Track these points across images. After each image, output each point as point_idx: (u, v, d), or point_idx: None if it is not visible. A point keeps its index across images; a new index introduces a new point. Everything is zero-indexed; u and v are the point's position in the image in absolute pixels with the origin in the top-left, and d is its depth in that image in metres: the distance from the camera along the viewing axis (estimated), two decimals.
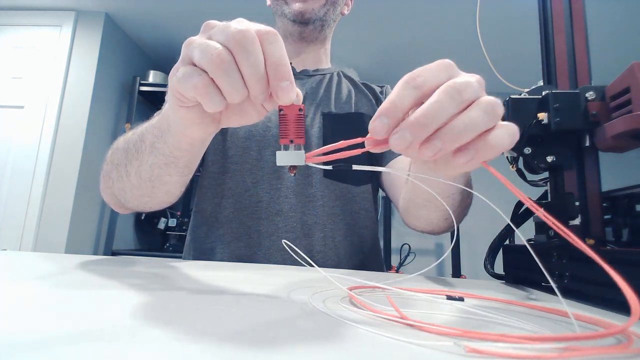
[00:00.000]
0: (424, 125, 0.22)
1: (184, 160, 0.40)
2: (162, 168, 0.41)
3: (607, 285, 0.30)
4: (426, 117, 0.22)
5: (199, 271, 0.39)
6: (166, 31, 2.19)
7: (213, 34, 0.26)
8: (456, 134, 0.22)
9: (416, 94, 0.23)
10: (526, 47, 2.11)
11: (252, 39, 0.24)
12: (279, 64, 0.25)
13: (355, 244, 0.65)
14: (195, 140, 0.36)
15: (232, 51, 0.24)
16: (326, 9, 0.68)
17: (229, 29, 0.25)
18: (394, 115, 0.23)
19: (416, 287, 0.32)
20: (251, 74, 0.24)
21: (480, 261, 0.54)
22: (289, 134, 0.26)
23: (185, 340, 0.16)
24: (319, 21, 0.68)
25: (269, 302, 0.25)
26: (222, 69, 0.24)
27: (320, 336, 0.18)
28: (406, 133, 0.22)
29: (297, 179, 0.63)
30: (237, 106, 0.31)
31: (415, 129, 0.22)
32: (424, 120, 0.22)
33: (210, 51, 0.24)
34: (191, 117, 0.30)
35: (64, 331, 0.16)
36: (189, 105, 0.29)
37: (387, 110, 0.23)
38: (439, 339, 0.18)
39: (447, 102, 0.22)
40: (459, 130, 0.22)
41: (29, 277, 0.30)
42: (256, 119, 0.31)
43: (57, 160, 1.90)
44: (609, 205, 0.37)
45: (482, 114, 0.22)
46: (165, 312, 0.21)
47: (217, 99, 0.25)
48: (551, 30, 0.42)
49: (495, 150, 0.23)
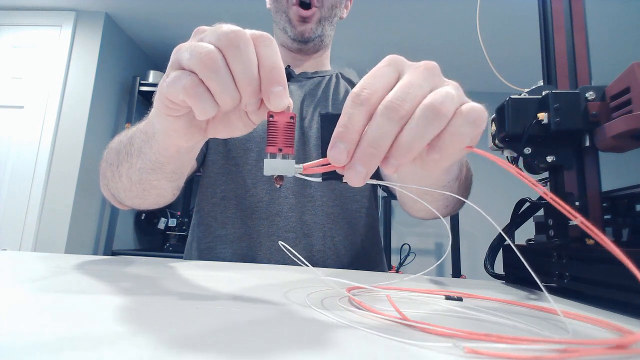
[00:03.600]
0: (371, 154, 0.22)
1: (170, 167, 0.39)
2: (149, 173, 0.40)
3: (607, 285, 0.30)
4: (371, 145, 0.21)
5: (198, 271, 0.39)
6: (166, 31, 2.20)
7: (204, 36, 0.25)
8: (405, 149, 0.22)
9: (365, 109, 0.22)
10: (526, 47, 2.11)
11: (245, 39, 0.23)
12: (272, 67, 0.24)
13: (356, 243, 0.65)
14: (181, 148, 0.34)
15: (223, 51, 0.23)
16: (323, 25, 0.69)
17: (221, 29, 0.24)
18: (349, 138, 0.22)
19: (415, 287, 0.32)
20: (243, 75, 0.23)
21: (480, 261, 0.54)
22: (278, 142, 0.24)
23: (181, 340, 0.16)
24: (317, 38, 0.70)
25: (266, 303, 0.25)
26: (212, 68, 0.23)
27: (317, 337, 0.18)
28: (358, 167, 0.22)
29: (296, 180, 0.63)
30: (224, 116, 0.29)
31: (365, 160, 0.22)
32: (370, 150, 0.21)
33: (199, 51, 0.23)
34: (177, 127, 0.29)
35: (45, 338, 0.16)
36: (176, 115, 0.27)
37: (341, 134, 0.22)
38: (438, 340, 0.18)
39: (386, 124, 0.21)
40: (407, 145, 0.22)
41: (26, 278, 0.30)
42: (244, 131, 0.30)
43: (57, 160, 1.90)
44: (609, 205, 0.37)
45: (422, 122, 0.22)
46: (162, 312, 0.21)
47: (209, 101, 0.24)
48: (551, 30, 0.42)
49: (458, 141, 0.23)
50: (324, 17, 0.69)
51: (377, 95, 0.22)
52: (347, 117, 0.22)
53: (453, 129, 0.22)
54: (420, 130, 0.22)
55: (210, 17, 2.05)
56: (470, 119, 0.22)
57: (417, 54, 2.50)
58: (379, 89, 0.22)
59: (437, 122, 0.22)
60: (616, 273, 0.29)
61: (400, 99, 0.22)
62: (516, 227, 0.47)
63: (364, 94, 0.22)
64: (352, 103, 0.22)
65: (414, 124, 0.22)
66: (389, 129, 0.22)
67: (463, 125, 0.22)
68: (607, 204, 0.37)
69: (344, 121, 0.22)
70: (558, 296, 0.36)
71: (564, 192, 0.38)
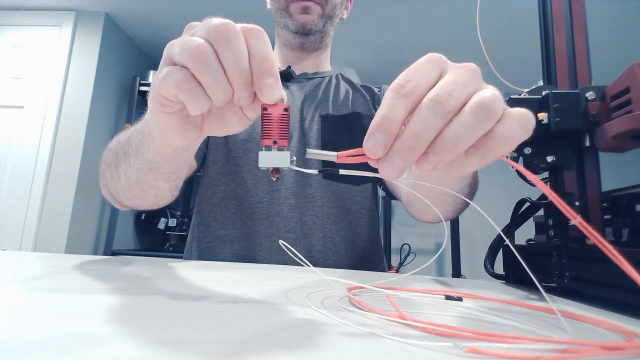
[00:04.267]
0: (412, 148, 0.21)
1: (167, 167, 0.39)
2: (147, 173, 0.40)
3: (606, 285, 0.30)
4: (413, 138, 0.21)
5: (197, 271, 0.39)
6: (166, 31, 2.20)
7: (195, 31, 0.24)
8: (449, 146, 0.21)
9: (409, 102, 0.21)
10: (526, 47, 2.11)
11: (234, 32, 0.23)
12: (263, 59, 0.24)
13: (356, 244, 0.65)
14: (178, 147, 0.34)
15: (213, 44, 0.23)
16: (324, 20, 0.69)
17: (211, 22, 0.24)
18: (389, 130, 0.21)
19: (415, 287, 0.32)
20: (234, 67, 0.23)
21: (480, 261, 0.54)
22: (272, 135, 0.24)
23: (180, 339, 0.16)
24: (319, 32, 0.70)
25: (265, 303, 0.25)
26: (202, 61, 0.23)
27: (317, 337, 0.18)
28: (396, 160, 0.21)
29: (296, 180, 0.63)
30: (218, 113, 0.29)
31: (404, 154, 0.21)
32: (411, 143, 0.21)
33: (189, 45, 0.23)
34: (171, 124, 0.29)
35: (47, 336, 0.16)
36: (170, 111, 0.27)
37: (381, 125, 0.21)
38: (438, 339, 0.18)
39: (432, 117, 0.21)
40: (452, 141, 0.21)
41: (26, 278, 0.30)
42: (240, 128, 0.30)
43: (57, 160, 1.90)
44: (609, 205, 0.37)
45: (472, 120, 0.21)
46: (162, 312, 0.21)
47: (201, 96, 0.24)
48: (551, 30, 0.42)
49: (507, 143, 0.21)
50: (327, 15, 0.69)
51: (422, 89, 0.21)
52: (389, 108, 0.21)
53: (502, 131, 0.21)
54: (469, 127, 0.21)
55: (210, 17, 2.05)
56: (523, 121, 0.22)
57: (417, 54, 2.47)
58: (423, 83, 0.21)
59: (487, 120, 0.21)
60: (616, 273, 0.29)
61: (447, 94, 0.21)
62: (516, 227, 0.47)
63: (409, 86, 0.21)
64: (394, 94, 0.21)
65: (464, 119, 0.21)
66: (434, 123, 0.21)
67: (514, 128, 0.21)
68: (607, 204, 0.37)
69: (384, 112, 0.21)
70: (558, 296, 0.36)
71: (564, 192, 0.38)
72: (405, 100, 0.21)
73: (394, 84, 0.22)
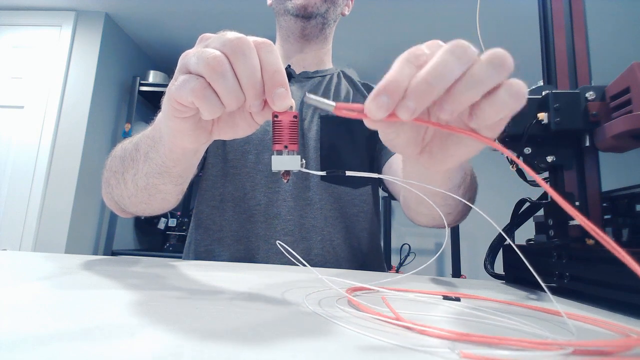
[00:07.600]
0: (426, 91, 0.20)
1: (177, 170, 0.40)
2: (156, 177, 0.41)
3: (607, 285, 0.30)
4: (428, 80, 0.20)
5: (196, 271, 0.39)
6: (166, 31, 2.19)
7: (209, 43, 0.26)
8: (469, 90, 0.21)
9: (419, 67, 0.21)
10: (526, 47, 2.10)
11: (249, 46, 0.25)
12: (275, 71, 0.25)
13: (355, 247, 0.64)
14: (187, 150, 0.35)
15: (229, 56, 0.25)
16: (327, 6, 0.68)
17: (225, 36, 0.25)
18: (395, 92, 0.20)
19: (414, 288, 0.32)
20: (248, 78, 0.25)
21: (480, 261, 0.54)
22: (283, 140, 0.26)
23: (179, 339, 0.16)
24: (320, 17, 0.68)
25: (262, 303, 0.25)
26: (219, 72, 0.24)
27: (313, 337, 0.18)
28: (410, 102, 0.21)
29: (295, 183, 0.63)
30: (228, 117, 0.31)
31: (418, 96, 0.20)
32: (425, 86, 0.20)
33: (206, 56, 0.24)
34: (184, 128, 0.30)
35: (61, 330, 0.16)
36: (184, 116, 0.29)
37: (387, 88, 0.20)
38: (434, 342, 0.18)
39: (451, 59, 0.20)
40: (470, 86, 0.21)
41: (29, 277, 0.30)
42: (248, 132, 0.31)
43: (57, 160, 1.90)
44: (609, 205, 0.37)
45: (489, 67, 0.21)
46: (161, 312, 0.21)
47: (215, 103, 0.25)
48: (551, 30, 0.42)
49: (497, 110, 0.22)
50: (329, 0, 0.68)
51: None
52: (399, 73, 0.21)
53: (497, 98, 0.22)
54: (487, 73, 0.21)
55: (210, 17, 2.05)
56: (514, 89, 0.22)
57: None
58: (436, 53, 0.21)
59: (501, 70, 0.21)
60: (616, 273, 0.29)
61: (465, 45, 0.21)
62: (516, 227, 0.47)
63: (423, 58, 0.21)
64: (405, 61, 0.21)
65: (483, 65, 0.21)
66: (454, 66, 0.20)
67: (504, 96, 0.22)
68: (607, 204, 0.37)
69: (392, 75, 0.21)
70: (558, 296, 0.36)
71: (564, 192, 0.38)
72: (414, 69, 0.21)
73: (406, 52, 0.22)
